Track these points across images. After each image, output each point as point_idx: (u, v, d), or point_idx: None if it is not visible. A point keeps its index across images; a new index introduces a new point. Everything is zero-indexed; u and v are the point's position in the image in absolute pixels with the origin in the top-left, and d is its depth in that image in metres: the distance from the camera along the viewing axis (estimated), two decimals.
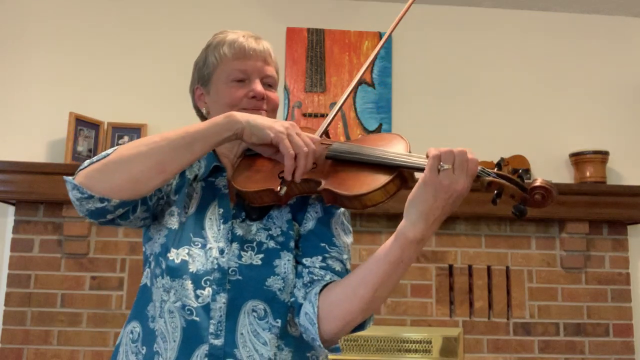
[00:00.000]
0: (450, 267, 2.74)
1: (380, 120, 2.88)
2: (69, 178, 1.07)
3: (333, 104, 2.89)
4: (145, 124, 2.74)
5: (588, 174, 2.80)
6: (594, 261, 2.80)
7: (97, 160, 1.07)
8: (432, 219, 0.98)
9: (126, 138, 2.73)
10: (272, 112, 1.25)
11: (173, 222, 1.16)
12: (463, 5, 3.05)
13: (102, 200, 1.04)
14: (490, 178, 0.96)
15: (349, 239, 1.22)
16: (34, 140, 2.74)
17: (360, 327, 1.11)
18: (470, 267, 2.75)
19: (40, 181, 2.52)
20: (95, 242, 2.63)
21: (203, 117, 1.29)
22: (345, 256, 1.19)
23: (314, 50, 2.94)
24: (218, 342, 1.09)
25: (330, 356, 1.23)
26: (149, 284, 1.17)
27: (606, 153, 2.83)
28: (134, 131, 2.74)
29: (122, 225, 1.15)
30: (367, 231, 2.72)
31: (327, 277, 1.13)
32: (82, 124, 2.69)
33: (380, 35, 2.97)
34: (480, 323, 2.71)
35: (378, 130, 2.87)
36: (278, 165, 1.17)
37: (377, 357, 2.63)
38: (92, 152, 2.71)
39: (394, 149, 1.10)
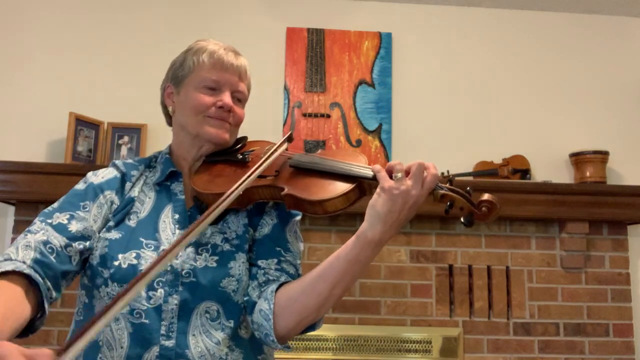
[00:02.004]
0: (450, 267, 2.74)
1: (380, 120, 2.88)
2: None
3: (333, 104, 2.89)
4: (145, 124, 2.74)
5: (588, 174, 2.80)
6: (594, 261, 2.80)
7: None
8: (390, 222, 1.04)
9: (126, 138, 2.73)
10: (235, 127, 1.28)
11: (113, 234, 1.15)
12: (463, 5, 3.06)
13: None
14: (443, 192, 1.06)
15: (301, 246, 1.27)
16: (34, 140, 2.74)
17: (312, 327, 1.14)
18: (470, 267, 2.75)
19: (40, 181, 2.52)
20: None
21: (168, 115, 1.32)
22: (298, 261, 1.23)
23: (314, 50, 2.94)
24: (169, 343, 1.09)
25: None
26: (87, 301, 1.17)
27: (606, 153, 2.83)
28: (134, 131, 2.74)
29: None
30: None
31: (282, 279, 1.17)
32: (82, 124, 2.69)
33: (380, 35, 2.97)
34: (480, 323, 2.71)
35: (378, 130, 2.87)
36: (240, 169, 1.21)
37: (377, 357, 2.63)
38: (92, 152, 2.71)
39: (355, 162, 1.15)
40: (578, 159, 2.84)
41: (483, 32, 3.05)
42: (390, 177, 1.06)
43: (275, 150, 1.20)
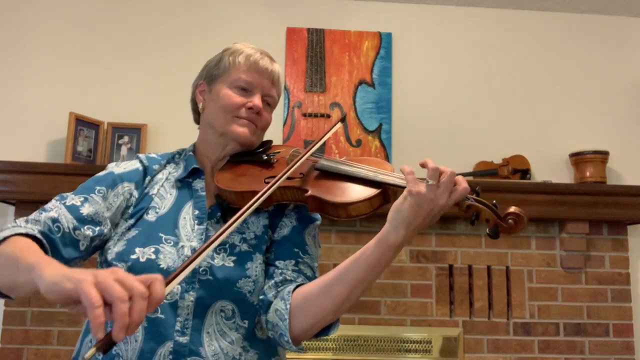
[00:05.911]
0: (450, 267, 2.74)
1: (380, 120, 2.88)
2: None
3: (333, 104, 2.89)
4: (145, 124, 2.74)
5: (588, 174, 2.80)
6: (594, 261, 2.80)
7: None
8: (413, 227, 1.03)
9: (126, 138, 2.73)
10: (261, 131, 1.31)
11: (131, 233, 1.16)
12: (463, 5, 3.05)
13: None
14: (469, 202, 1.06)
15: (318, 251, 1.27)
16: (34, 140, 2.74)
17: (326, 331, 1.13)
18: (470, 267, 2.75)
19: (40, 181, 2.52)
20: None
21: (197, 112, 1.34)
22: (315, 264, 1.24)
23: (314, 50, 2.94)
24: (183, 339, 1.09)
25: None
26: None
27: (606, 153, 2.83)
28: (134, 131, 2.74)
29: None
30: (367, 231, 2.72)
31: (299, 280, 1.17)
32: (82, 124, 2.69)
33: (380, 35, 2.97)
34: (480, 323, 2.71)
35: (378, 130, 2.87)
36: (265, 170, 1.22)
37: (377, 357, 2.63)
38: (92, 152, 2.71)
39: (381, 169, 1.15)
40: (578, 159, 2.84)
41: (483, 32, 3.05)
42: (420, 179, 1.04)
43: (320, 139, 1.24)
